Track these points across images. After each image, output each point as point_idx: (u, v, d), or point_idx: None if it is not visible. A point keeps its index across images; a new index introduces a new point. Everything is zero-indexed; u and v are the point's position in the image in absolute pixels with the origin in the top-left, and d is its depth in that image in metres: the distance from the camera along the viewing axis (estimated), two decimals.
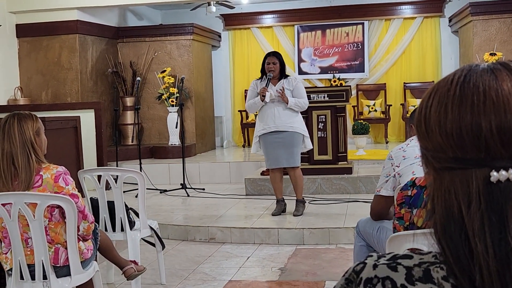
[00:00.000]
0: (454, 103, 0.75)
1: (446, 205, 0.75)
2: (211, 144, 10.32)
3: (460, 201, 0.74)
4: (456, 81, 0.77)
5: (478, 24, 8.85)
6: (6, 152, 2.73)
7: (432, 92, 0.79)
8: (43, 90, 8.74)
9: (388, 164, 2.88)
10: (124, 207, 3.75)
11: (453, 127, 0.75)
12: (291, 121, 5.37)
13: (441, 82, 0.79)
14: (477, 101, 0.74)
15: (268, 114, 5.39)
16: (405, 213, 2.45)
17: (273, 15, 10.72)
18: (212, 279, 4.14)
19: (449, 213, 0.75)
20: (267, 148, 5.44)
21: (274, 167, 5.48)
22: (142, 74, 9.37)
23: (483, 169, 0.73)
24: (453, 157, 0.75)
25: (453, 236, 0.74)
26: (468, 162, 0.74)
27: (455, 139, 0.74)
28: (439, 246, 0.76)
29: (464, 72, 0.78)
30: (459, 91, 0.76)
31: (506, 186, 0.72)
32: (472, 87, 0.75)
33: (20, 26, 8.61)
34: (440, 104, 0.77)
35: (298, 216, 5.46)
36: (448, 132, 0.75)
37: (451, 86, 0.77)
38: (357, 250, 3.07)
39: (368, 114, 10.09)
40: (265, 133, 5.41)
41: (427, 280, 0.75)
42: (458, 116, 0.74)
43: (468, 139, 0.73)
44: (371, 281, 0.79)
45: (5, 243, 2.84)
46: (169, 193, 7.21)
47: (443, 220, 0.75)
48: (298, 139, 5.41)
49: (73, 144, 6.79)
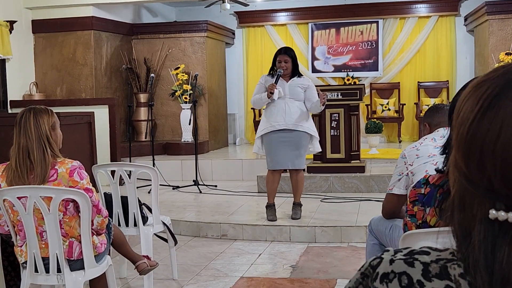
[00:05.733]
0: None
1: (465, 215, 0.75)
2: (223, 141, 10.34)
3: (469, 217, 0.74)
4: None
5: (494, 23, 8.77)
6: (22, 146, 2.76)
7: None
8: (58, 86, 8.80)
9: (401, 163, 2.87)
10: (138, 202, 3.78)
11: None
12: (301, 120, 5.07)
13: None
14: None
15: (278, 110, 5.06)
16: (418, 211, 2.44)
17: (287, 13, 10.70)
18: (224, 275, 4.15)
19: (463, 229, 0.75)
20: (271, 147, 5.10)
21: (276, 169, 5.17)
22: (156, 71, 9.40)
23: (485, 202, 0.72)
24: (465, 177, 0.74)
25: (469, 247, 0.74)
26: (475, 188, 0.73)
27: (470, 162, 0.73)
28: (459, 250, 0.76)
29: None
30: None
31: (502, 225, 0.70)
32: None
33: (36, 22, 8.68)
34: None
35: (296, 219, 5.25)
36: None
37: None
38: (369, 248, 3.07)
39: (382, 113, 10.05)
40: (272, 130, 5.08)
41: (444, 277, 0.75)
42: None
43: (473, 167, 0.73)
44: (387, 276, 0.78)
45: (20, 236, 2.87)
46: (181, 189, 7.24)
47: (459, 231, 0.75)
48: (306, 140, 5.12)
49: (87, 139, 6.83)
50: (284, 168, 5.20)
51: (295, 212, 5.33)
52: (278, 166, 5.14)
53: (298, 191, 5.31)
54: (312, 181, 6.69)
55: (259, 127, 5.28)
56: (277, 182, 5.30)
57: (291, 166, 5.13)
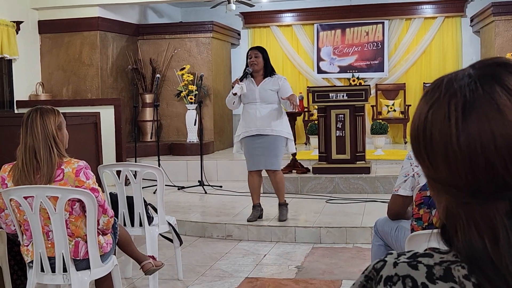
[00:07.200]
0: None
1: (467, 239, 0.74)
2: (229, 142, 10.33)
3: (483, 236, 0.72)
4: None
5: (500, 24, 8.75)
6: (28, 146, 2.77)
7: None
8: (64, 86, 8.83)
9: (407, 164, 2.87)
10: (143, 203, 3.78)
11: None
12: (274, 124, 5.03)
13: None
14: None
15: (250, 116, 5.07)
16: (423, 214, 2.44)
17: (293, 14, 10.71)
18: (229, 276, 4.15)
19: (472, 247, 0.73)
20: (247, 151, 5.16)
21: (252, 170, 5.20)
22: (161, 71, 9.42)
23: (503, 202, 0.71)
24: (469, 192, 0.73)
25: (480, 264, 0.73)
26: (486, 197, 0.72)
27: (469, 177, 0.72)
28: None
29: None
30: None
31: None
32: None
33: (42, 23, 8.72)
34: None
35: (283, 220, 5.22)
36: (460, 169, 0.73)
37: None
38: (375, 249, 3.06)
39: (387, 114, 10.03)
40: (246, 136, 5.11)
41: (448, 279, 0.75)
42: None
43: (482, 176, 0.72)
44: (391, 279, 0.79)
45: (27, 235, 2.89)
46: (186, 190, 7.25)
47: (467, 252, 0.74)
48: (280, 142, 5.09)
49: (93, 139, 6.85)
50: (259, 168, 5.19)
51: (281, 214, 5.30)
52: (254, 167, 5.18)
53: (279, 191, 5.27)
54: (317, 182, 6.69)
55: (237, 129, 5.29)
56: (257, 183, 5.29)
57: (266, 166, 5.14)
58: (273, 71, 5.19)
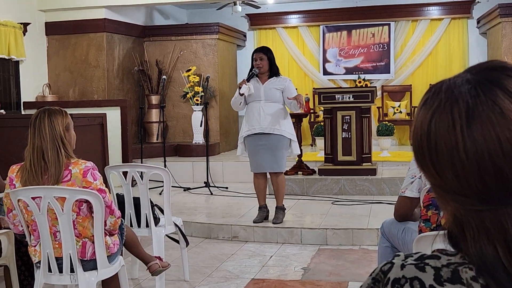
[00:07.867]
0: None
1: (477, 246, 0.73)
2: (234, 143, 10.31)
3: (495, 242, 0.72)
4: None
5: (507, 26, 8.72)
6: (36, 146, 2.78)
7: None
8: (71, 87, 8.86)
9: (414, 165, 2.86)
10: (150, 204, 3.79)
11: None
12: (278, 123, 5.01)
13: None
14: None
15: (254, 114, 5.05)
16: (432, 215, 2.44)
17: (299, 15, 10.70)
18: (235, 277, 4.15)
19: (483, 255, 0.73)
20: (250, 151, 5.14)
21: (257, 172, 5.18)
22: (167, 73, 9.43)
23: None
24: (478, 199, 0.73)
25: (491, 271, 0.72)
26: (496, 203, 0.72)
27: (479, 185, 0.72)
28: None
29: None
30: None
31: None
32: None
33: (49, 24, 8.75)
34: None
35: (277, 223, 5.18)
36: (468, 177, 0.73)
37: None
38: (381, 251, 3.06)
39: (393, 116, 10.01)
40: (249, 134, 5.09)
41: (456, 281, 0.75)
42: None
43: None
44: (398, 282, 0.78)
45: (34, 236, 2.90)
46: (192, 191, 7.26)
47: (478, 259, 0.74)
48: (284, 143, 5.06)
49: (99, 141, 6.86)
50: (263, 171, 5.16)
51: (276, 217, 5.25)
52: (258, 169, 5.15)
53: (279, 195, 5.23)
54: (323, 184, 6.68)
55: (241, 129, 5.28)
56: (263, 184, 5.26)
57: (269, 169, 5.12)
58: (278, 73, 5.20)
